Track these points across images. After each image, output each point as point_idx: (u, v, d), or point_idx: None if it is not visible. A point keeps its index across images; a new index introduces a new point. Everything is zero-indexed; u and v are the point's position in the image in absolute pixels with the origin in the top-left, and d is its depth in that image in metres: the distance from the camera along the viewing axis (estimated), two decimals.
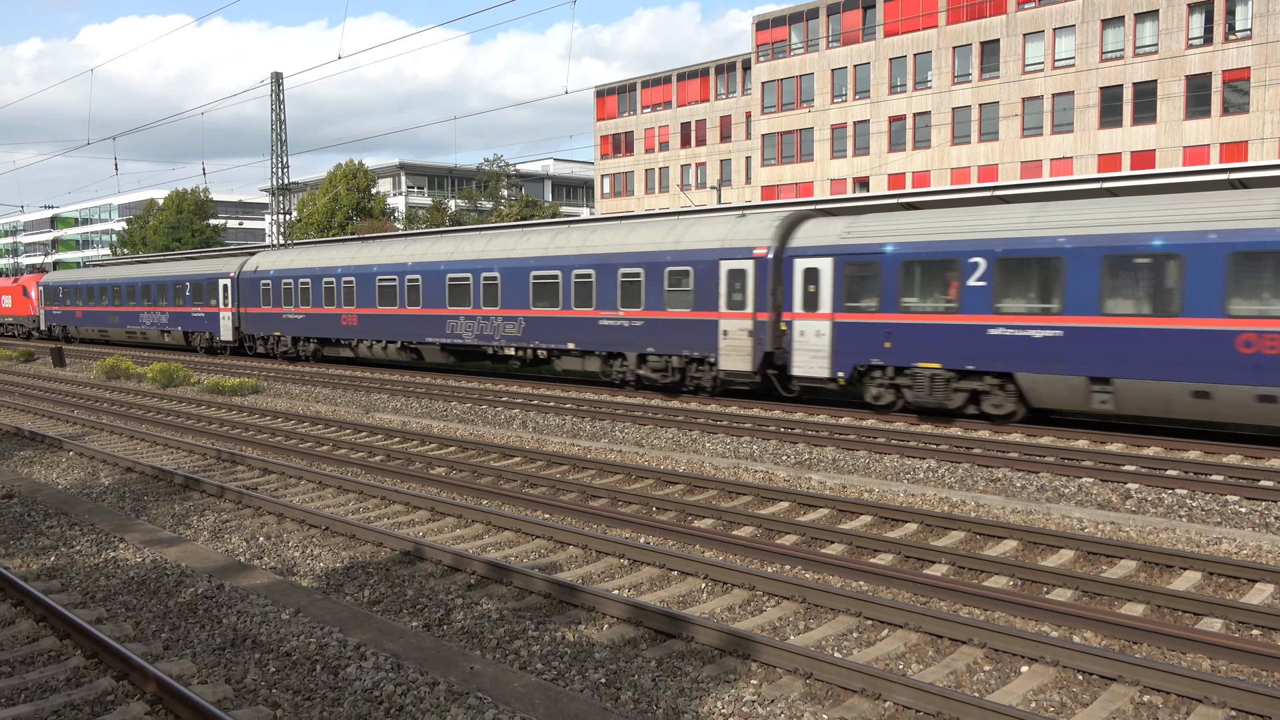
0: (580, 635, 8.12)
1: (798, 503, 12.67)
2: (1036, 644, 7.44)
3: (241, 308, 37.16)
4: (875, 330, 19.20)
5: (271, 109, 47.73)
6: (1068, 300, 16.86)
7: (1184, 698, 6.75)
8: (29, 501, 13.21)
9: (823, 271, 19.92)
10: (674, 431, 18.04)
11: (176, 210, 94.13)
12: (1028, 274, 17.50)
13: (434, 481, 14.23)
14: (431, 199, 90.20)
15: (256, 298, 36.29)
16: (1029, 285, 17.47)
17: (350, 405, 23.28)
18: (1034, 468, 14.21)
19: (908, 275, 18.84)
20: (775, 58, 64.19)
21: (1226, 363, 15.34)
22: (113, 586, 9.46)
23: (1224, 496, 12.45)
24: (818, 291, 20.04)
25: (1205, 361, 15.53)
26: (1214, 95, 47.49)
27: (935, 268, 18.53)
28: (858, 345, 19.49)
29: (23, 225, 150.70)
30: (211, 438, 18.98)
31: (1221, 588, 9.37)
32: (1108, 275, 16.51)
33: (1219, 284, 15.40)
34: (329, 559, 10.56)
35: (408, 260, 30.08)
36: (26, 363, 39.67)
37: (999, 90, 54.01)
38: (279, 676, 7.16)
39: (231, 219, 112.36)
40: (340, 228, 75.46)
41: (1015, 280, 17.56)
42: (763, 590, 9.17)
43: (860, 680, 6.90)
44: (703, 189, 70.98)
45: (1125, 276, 16.54)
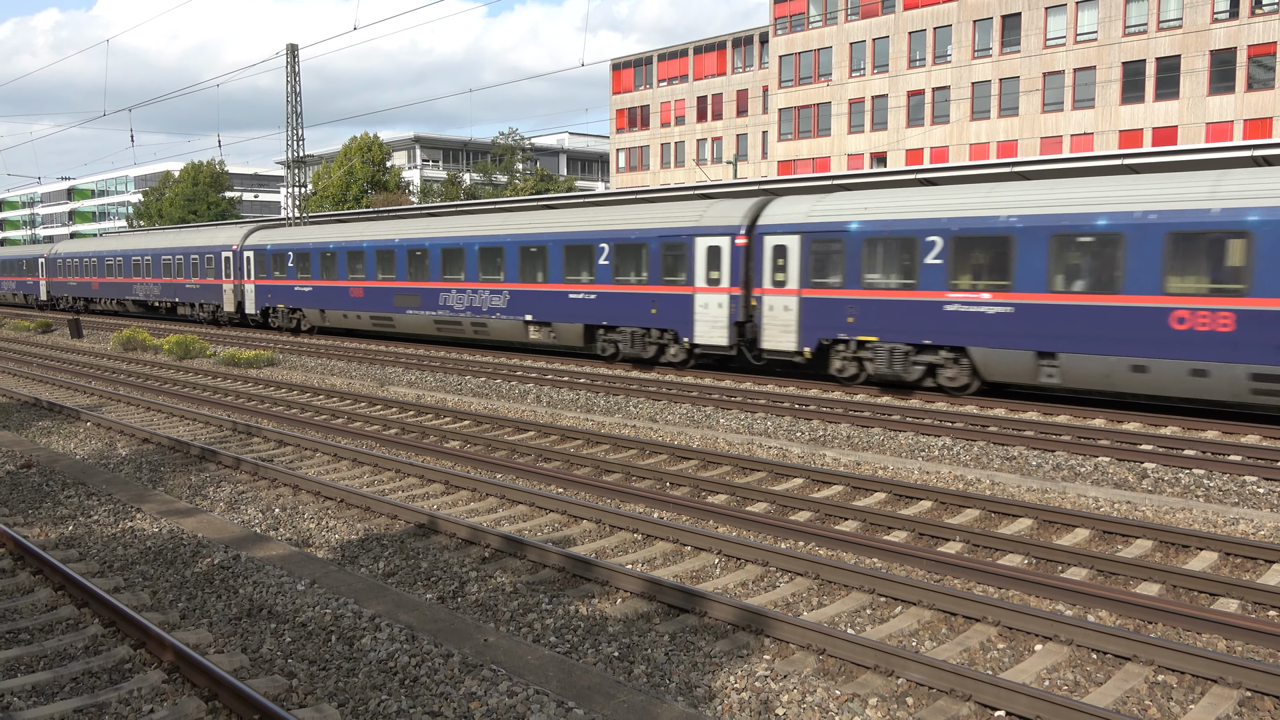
0: (594, 609, 8.15)
1: (812, 479, 12.66)
2: (1051, 622, 7.42)
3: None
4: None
5: (287, 81, 47.60)
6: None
7: (1199, 678, 6.73)
8: (47, 471, 13.32)
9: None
10: (688, 407, 18.03)
11: (192, 183, 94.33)
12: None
13: (448, 455, 14.27)
14: (447, 172, 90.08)
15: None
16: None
17: (365, 379, 23.36)
18: (1050, 446, 14.14)
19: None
20: (793, 31, 63.60)
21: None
22: (130, 556, 9.54)
23: (1242, 477, 12.37)
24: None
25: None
26: (1239, 70, 46.82)
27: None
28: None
29: (40, 197, 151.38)
30: (227, 409, 19.09)
31: (1238, 568, 9.32)
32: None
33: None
34: (344, 531, 10.62)
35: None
36: (44, 334, 39.95)
37: (1020, 64, 53.40)
38: (295, 647, 7.21)
39: (247, 192, 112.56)
40: (355, 201, 75.48)
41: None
42: (776, 566, 9.17)
43: (873, 657, 6.90)
44: (719, 163, 70.61)
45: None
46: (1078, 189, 17.25)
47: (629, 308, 23.91)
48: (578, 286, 25.11)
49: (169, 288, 42.76)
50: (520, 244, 26.68)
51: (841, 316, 19.88)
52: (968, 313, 18.17)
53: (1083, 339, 16.75)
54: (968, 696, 6.42)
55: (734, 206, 22.35)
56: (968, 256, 18.22)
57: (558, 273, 25.63)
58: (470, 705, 6.13)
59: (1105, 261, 16.53)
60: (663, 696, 6.36)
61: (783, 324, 20.87)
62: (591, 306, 24.79)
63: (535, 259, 26.24)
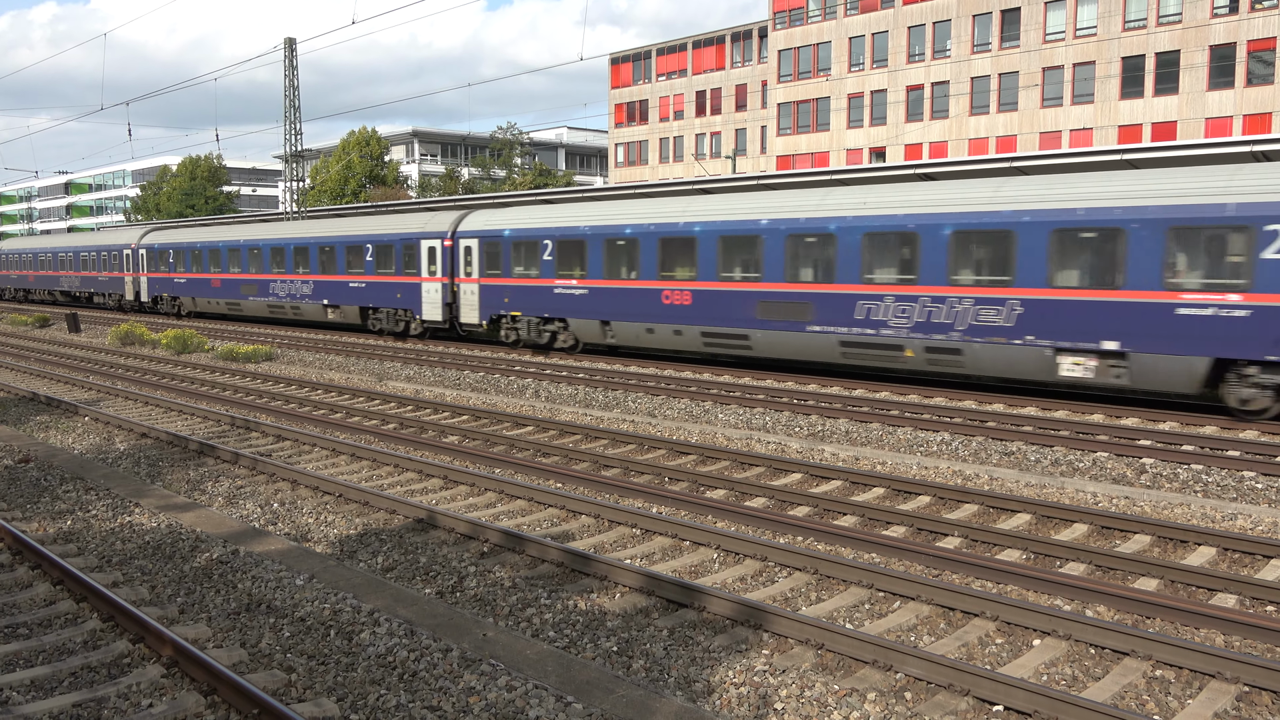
0: (592, 604, 8.15)
1: (810, 474, 12.67)
2: (1049, 617, 7.43)
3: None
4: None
5: (285, 75, 47.51)
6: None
7: (1197, 673, 6.74)
8: (45, 466, 13.31)
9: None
10: (686, 402, 18.04)
11: (190, 177, 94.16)
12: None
13: (447, 450, 14.27)
14: (445, 167, 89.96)
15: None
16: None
17: (363, 373, 23.35)
18: (1048, 441, 14.15)
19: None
20: (792, 25, 63.54)
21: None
22: (129, 551, 9.54)
23: (1240, 472, 12.38)
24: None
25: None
26: (1238, 66, 46.80)
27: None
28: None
29: (37, 191, 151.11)
30: (226, 404, 19.08)
31: (1236, 563, 9.33)
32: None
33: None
34: (343, 526, 10.62)
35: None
36: (42, 328, 39.89)
37: (1019, 59, 53.37)
38: (293, 641, 7.21)
39: (245, 186, 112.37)
40: (354, 195, 75.37)
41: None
42: (775, 561, 9.17)
43: (872, 651, 6.91)
44: (717, 158, 70.57)
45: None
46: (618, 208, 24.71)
47: (385, 293, 31.38)
48: (355, 277, 32.57)
49: (86, 280, 50.84)
50: (319, 245, 34.30)
51: (502, 298, 27.19)
52: (566, 294, 25.34)
53: (623, 312, 23.78)
54: (966, 691, 6.43)
55: (445, 217, 29.76)
56: (566, 254, 25.21)
57: (342, 267, 33.16)
58: (469, 700, 6.14)
59: (632, 257, 23.58)
60: (661, 691, 6.37)
61: (470, 304, 28.21)
62: (363, 293, 32.35)
63: (329, 257, 33.75)
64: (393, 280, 30.80)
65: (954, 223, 17.98)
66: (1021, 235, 17.18)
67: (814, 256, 20.18)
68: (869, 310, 19.25)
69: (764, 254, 20.89)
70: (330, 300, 33.59)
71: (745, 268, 21.47)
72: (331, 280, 33.53)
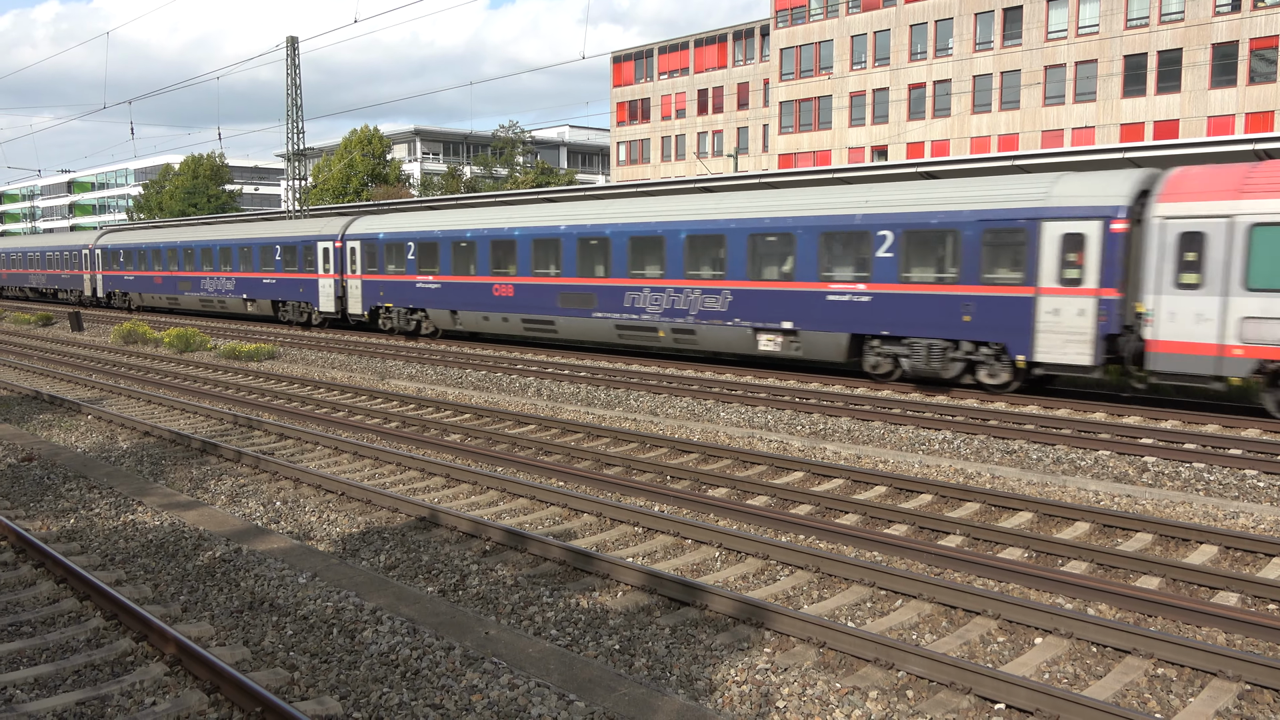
0: (594, 602, 8.16)
1: (812, 473, 12.67)
2: (1051, 616, 7.44)
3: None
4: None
5: (287, 74, 47.54)
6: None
7: (1198, 671, 6.74)
8: (49, 464, 13.34)
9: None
10: (689, 401, 18.04)
11: (192, 175, 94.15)
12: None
13: (449, 448, 14.28)
14: (447, 165, 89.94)
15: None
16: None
17: (365, 372, 23.37)
18: (1050, 440, 14.16)
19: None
20: (794, 24, 63.49)
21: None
22: (132, 549, 9.56)
23: (1242, 471, 12.38)
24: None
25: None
26: (1240, 64, 46.73)
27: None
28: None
29: (40, 190, 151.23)
30: (228, 403, 19.10)
31: (1238, 562, 9.33)
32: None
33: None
34: (345, 524, 10.63)
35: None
36: (45, 327, 39.93)
37: (1021, 58, 53.33)
38: (296, 639, 7.23)
39: (247, 184, 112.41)
40: (356, 194, 75.36)
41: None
42: (777, 559, 9.18)
43: (873, 650, 6.92)
44: (719, 156, 70.56)
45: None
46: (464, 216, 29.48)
47: (291, 289, 35.85)
48: (267, 275, 37.15)
49: (51, 278, 55.82)
50: (239, 246, 38.42)
51: (379, 292, 31.80)
52: (425, 288, 29.81)
53: (467, 303, 28.35)
54: (968, 689, 6.44)
55: (337, 222, 34.49)
56: (425, 255, 29.61)
57: (257, 265, 37.45)
58: (472, 698, 6.15)
59: (472, 258, 27.93)
60: (663, 689, 6.38)
61: (355, 297, 32.81)
62: (274, 288, 36.77)
63: (246, 256, 38.20)
64: (296, 277, 35.47)
65: (687, 229, 22.71)
66: (729, 239, 21.81)
67: (597, 256, 24.73)
68: (634, 299, 23.87)
69: (563, 254, 25.47)
70: (248, 295, 38.20)
71: (550, 266, 25.92)
72: (249, 277, 38.03)
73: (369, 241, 31.99)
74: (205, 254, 40.44)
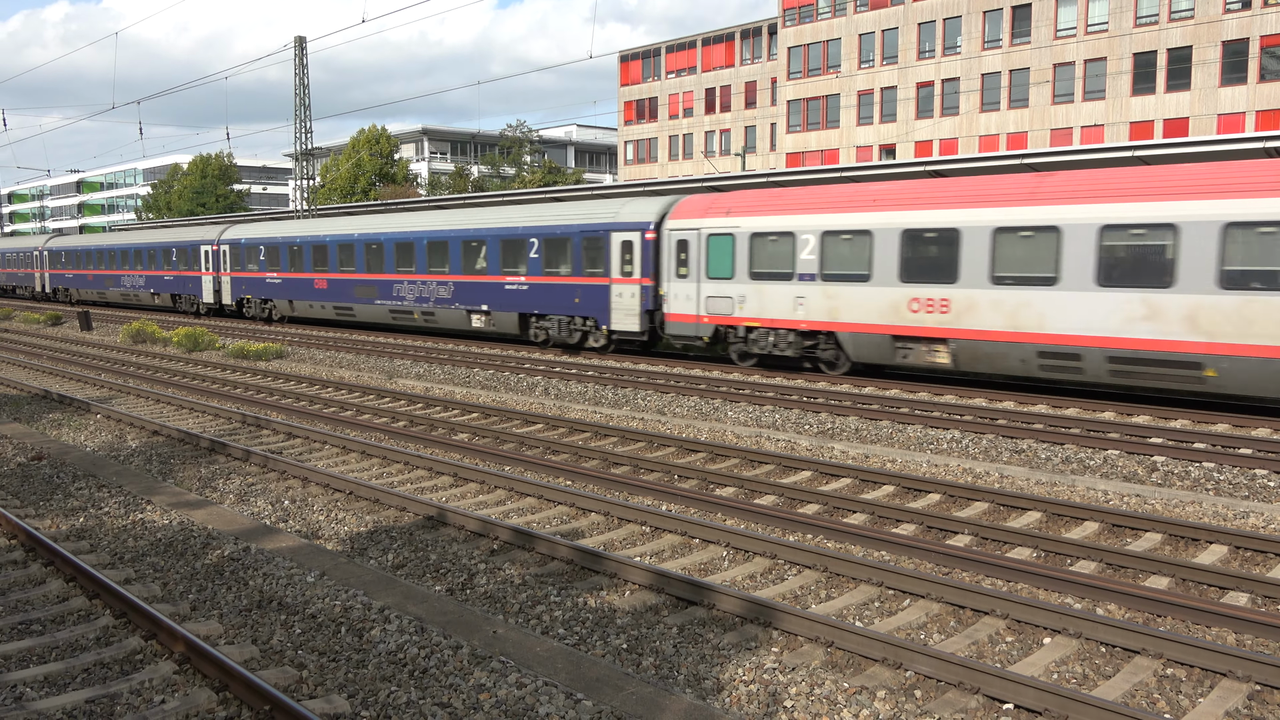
0: (602, 601, 8.16)
1: (820, 472, 12.65)
2: (1059, 616, 7.41)
3: None
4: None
5: (295, 73, 47.65)
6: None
7: (1208, 671, 6.72)
8: (58, 463, 13.39)
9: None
10: (696, 400, 18.04)
11: (201, 175, 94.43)
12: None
13: (456, 447, 14.30)
14: (454, 165, 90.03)
15: None
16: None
17: (373, 371, 23.41)
18: (1059, 439, 14.12)
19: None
20: (802, 22, 63.40)
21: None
22: (141, 548, 9.59)
23: (1252, 470, 12.33)
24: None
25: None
26: (1251, 61, 46.53)
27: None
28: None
29: (49, 190, 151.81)
30: (236, 402, 19.15)
31: (1248, 562, 9.29)
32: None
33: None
34: (353, 523, 10.65)
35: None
36: (54, 326, 40.10)
37: (1030, 56, 53.17)
38: (304, 638, 7.24)
39: (255, 184, 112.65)
40: (364, 194, 75.49)
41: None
42: (784, 559, 9.17)
43: (881, 649, 6.91)
44: (727, 155, 70.48)
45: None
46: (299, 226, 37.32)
47: (183, 284, 43.21)
48: (166, 273, 44.50)
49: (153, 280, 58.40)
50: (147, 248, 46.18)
51: (242, 286, 39.11)
52: (272, 283, 37.17)
53: (298, 294, 35.70)
54: (976, 689, 6.42)
55: (214, 229, 41.52)
56: (271, 256, 37.07)
57: (161, 264, 44.97)
58: (480, 696, 6.15)
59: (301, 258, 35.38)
60: (671, 688, 6.37)
61: (227, 291, 40.04)
62: (170, 283, 44.36)
63: (152, 256, 45.58)
64: (187, 275, 43.09)
65: (427, 236, 30.13)
66: (450, 244, 29.17)
67: (377, 258, 32.14)
68: (398, 290, 31.22)
69: (356, 257, 33.03)
70: (154, 289, 46.40)
71: (349, 265, 33.41)
72: (156, 274, 45.83)
73: (234, 246, 39.44)
74: (124, 255, 48.74)
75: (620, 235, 23.89)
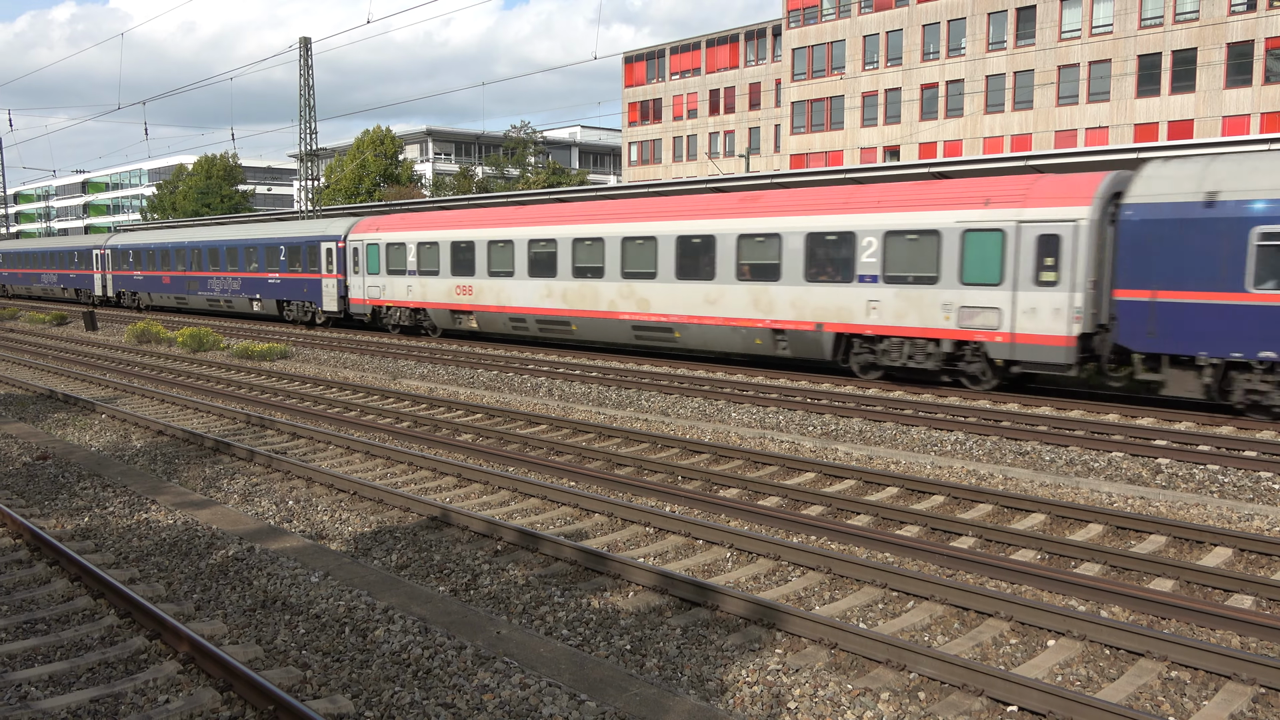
0: (606, 602, 8.17)
1: (824, 473, 12.65)
2: (1063, 618, 7.41)
3: None
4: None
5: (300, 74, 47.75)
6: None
7: (1212, 674, 6.71)
8: (63, 463, 13.41)
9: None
10: (700, 401, 18.04)
11: (205, 176, 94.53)
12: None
13: (460, 448, 14.31)
14: (459, 166, 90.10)
15: None
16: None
17: (377, 371, 23.43)
18: (1063, 441, 14.09)
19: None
20: (806, 24, 63.39)
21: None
22: (145, 547, 9.61)
23: (1257, 472, 12.30)
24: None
25: None
26: (1256, 64, 46.45)
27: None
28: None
29: (54, 190, 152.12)
30: (241, 402, 19.18)
31: (1253, 564, 9.28)
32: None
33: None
34: (357, 523, 10.66)
35: None
36: (59, 326, 40.17)
37: (1034, 58, 53.12)
38: (309, 638, 7.25)
39: (260, 185, 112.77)
40: (368, 194, 75.57)
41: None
42: (788, 560, 9.17)
43: (885, 651, 6.90)
44: (731, 157, 70.48)
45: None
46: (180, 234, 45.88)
47: (80, 281, 52.46)
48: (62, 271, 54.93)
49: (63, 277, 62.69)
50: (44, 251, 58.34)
51: (120, 283, 48.36)
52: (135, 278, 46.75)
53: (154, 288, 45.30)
54: (980, 691, 6.42)
55: (102, 236, 52.33)
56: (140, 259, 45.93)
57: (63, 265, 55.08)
58: (483, 697, 6.16)
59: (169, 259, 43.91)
60: (675, 690, 6.37)
61: (110, 286, 49.61)
62: (72, 280, 53.27)
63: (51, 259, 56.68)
64: (80, 274, 52.79)
65: (225, 245, 40.01)
66: (240, 250, 38.99)
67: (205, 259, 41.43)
68: (212, 284, 41.14)
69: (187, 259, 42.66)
70: (66, 285, 55.09)
71: (182, 265, 43.10)
72: (58, 273, 55.69)
73: (122, 250, 48.53)
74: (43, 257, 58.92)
75: (326, 245, 34.45)
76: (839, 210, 20.22)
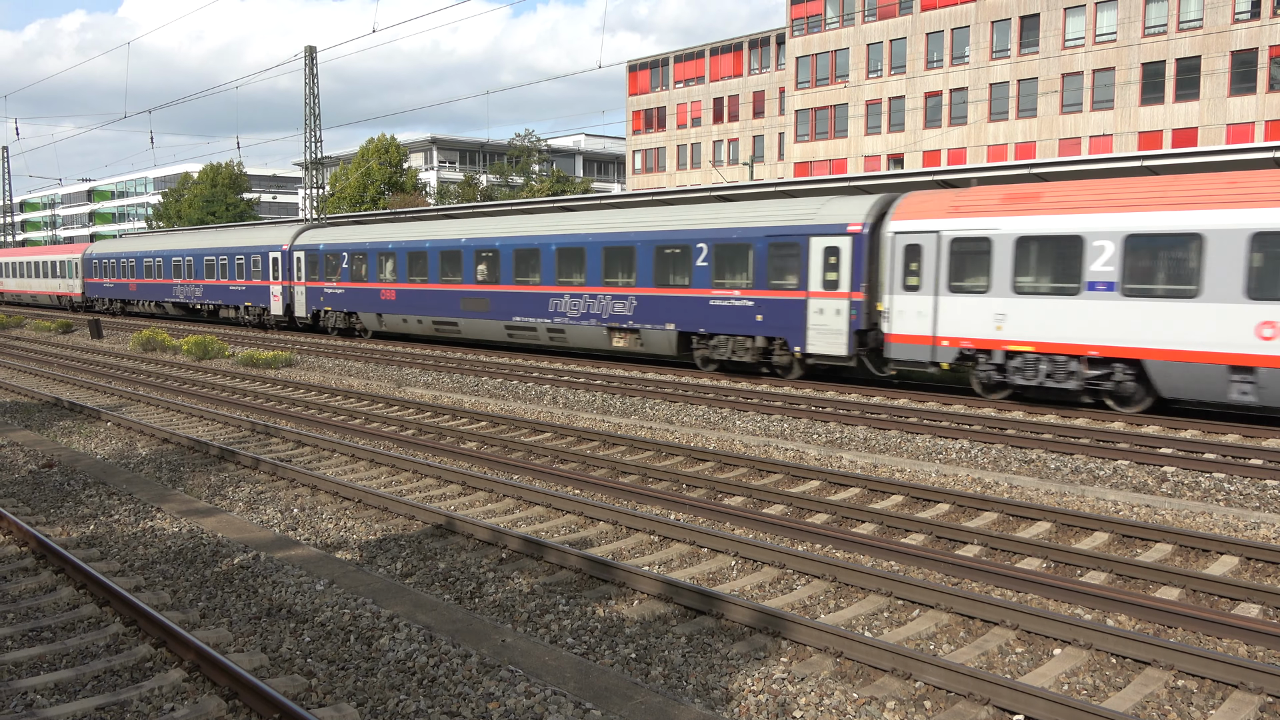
0: (611, 610, 8.16)
1: (829, 481, 12.64)
2: (1069, 626, 7.39)
3: None
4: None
5: (305, 83, 47.92)
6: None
7: (1219, 683, 6.69)
8: (69, 471, 13.44)
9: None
10: (704, 409, 18.03)
11: (211, 184, 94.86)
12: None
13: (465, 456, 14.32)
14: (463, 174, 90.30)
15: None
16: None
17: (382, 379, 23.45)
18: (1068, 449, 14.07)
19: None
20: (810, 32, 63.51)
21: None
22: (151, 555, 9.62)
23: (1263, 481, 12.27)
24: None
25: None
26: (1260, 71, 46.46)
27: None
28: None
29: (60, 198, 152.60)
30: (246, 410, 19.20)
31: (1260, 573, 9.25)
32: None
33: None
34: (362, 531, 10.67)
35: None
36: (65, 334, 40.28)
37: (1038, 66, 53.16)
38: (314, 646, 7.25)
39: (265, 193, 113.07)
40: (372, 202, 75.76)
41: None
42: (793, 569, 9.16)
43: (891, 660, 6.89)
44: (734, 165, 70.56)
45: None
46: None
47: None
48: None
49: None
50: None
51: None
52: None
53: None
54: (986, 700, 6.40)
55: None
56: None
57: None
58: (488, 705, 6.15)
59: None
60: (680, 698, 6.37)
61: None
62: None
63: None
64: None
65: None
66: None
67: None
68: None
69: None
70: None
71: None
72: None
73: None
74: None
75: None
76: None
